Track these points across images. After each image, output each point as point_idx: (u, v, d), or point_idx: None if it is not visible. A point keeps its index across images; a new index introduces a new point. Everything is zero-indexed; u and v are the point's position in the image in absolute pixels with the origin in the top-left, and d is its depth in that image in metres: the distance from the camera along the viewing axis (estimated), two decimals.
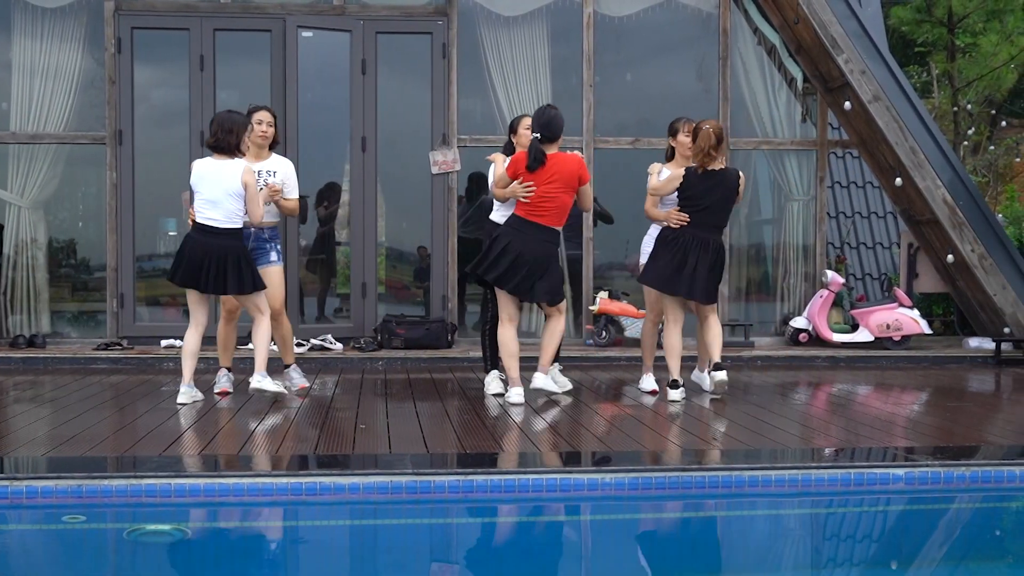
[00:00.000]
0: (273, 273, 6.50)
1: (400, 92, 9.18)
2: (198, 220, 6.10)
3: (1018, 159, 14.99)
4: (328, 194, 9.24)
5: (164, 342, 8.66)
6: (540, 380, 6.32)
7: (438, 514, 4.36)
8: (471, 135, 9.06)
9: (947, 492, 4.57)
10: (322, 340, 8.63)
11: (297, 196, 6.69)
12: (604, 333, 8.87)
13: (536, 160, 6.18)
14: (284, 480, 4.29)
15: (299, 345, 8.41)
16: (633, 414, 5.95)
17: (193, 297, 6.25)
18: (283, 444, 5.00)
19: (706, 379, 6.68)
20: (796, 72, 9.33)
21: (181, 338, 8.61)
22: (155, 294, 9.05)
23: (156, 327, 8.85)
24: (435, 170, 8.97)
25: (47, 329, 8.93)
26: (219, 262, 6.04)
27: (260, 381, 6.15)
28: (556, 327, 6.42)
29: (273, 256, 6.54)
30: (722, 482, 4.47)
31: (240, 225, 6.15)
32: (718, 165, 6.36)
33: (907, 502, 4.62)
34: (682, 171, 6.39)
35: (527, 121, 6.63)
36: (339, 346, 8.67)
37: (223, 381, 6.59)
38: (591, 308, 8.90)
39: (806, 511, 4.61)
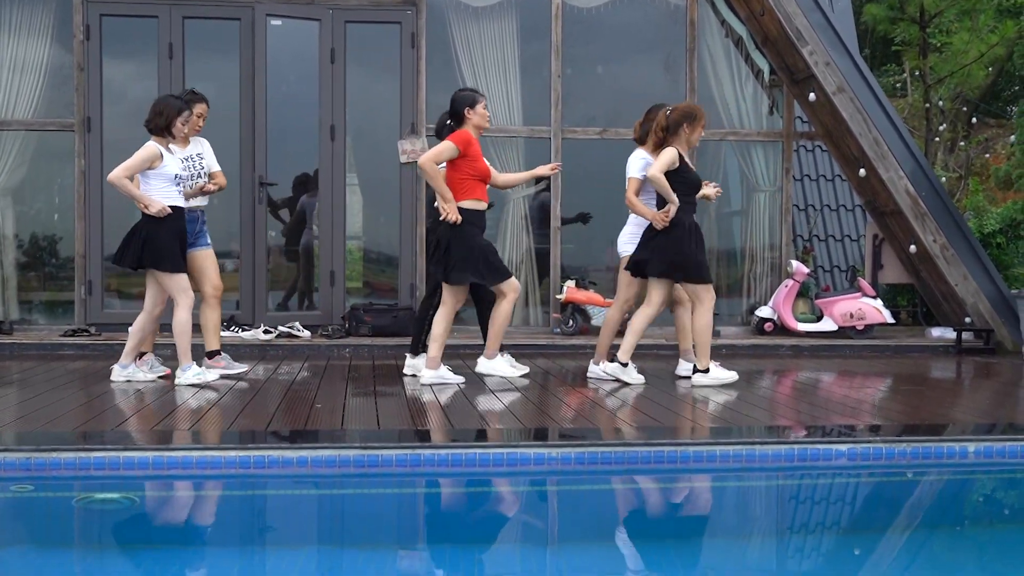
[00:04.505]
0: (212, 255, 6.68)
1: (369, 81, 9.22)
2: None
3: (987, 155, 15.13)
4: (300, 185, 9.24)
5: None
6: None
7: (386, 486, 4.41)
8: None
9: (889, 468, 4.65)
10: (290, 327, 8.67)
11: (218, 168, 6.82)
12: (571, 322, 8.92)
13: None
14: (233, 453, 4.33)
15: (267, 332, 8.45)
16: (593, 398, 6.01)
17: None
18: (236, 421, 5.04)
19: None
20: (763, 64, 9.41)
21: None
22: (128, 282, 9.05)
23: (124, 314, 8.82)
24: (403, 159, 9.01)
25: (15, 316, 8.94)
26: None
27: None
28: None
29: (208, 239, 6.71)
30: (667, 457, 4.54)
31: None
32: None
33: (850, 476, 4.70)
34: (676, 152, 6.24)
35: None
36: (307, 333, 8.70)
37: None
38: (558, 297, 8.97)
39: (750, 484, 4.68)
